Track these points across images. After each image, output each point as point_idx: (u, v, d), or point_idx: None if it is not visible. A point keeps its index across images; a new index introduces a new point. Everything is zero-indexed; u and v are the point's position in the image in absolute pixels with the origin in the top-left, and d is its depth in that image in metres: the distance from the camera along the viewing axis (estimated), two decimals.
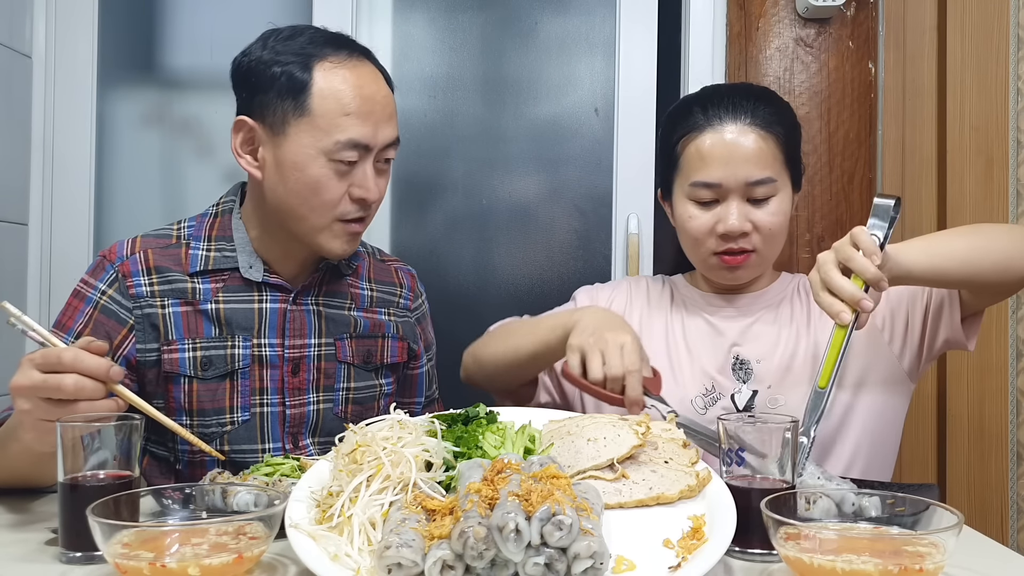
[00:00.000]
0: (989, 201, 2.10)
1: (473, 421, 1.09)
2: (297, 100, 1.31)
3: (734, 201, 1.39)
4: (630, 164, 2.28)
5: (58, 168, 2.24)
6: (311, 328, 1.44)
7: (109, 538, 0.85)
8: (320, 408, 1.44)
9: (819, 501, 0.99)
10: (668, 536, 0.92)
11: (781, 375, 1.43)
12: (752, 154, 1.38)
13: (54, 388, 1.02)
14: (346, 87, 1.32)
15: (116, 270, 1.38)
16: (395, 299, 1.56)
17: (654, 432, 1.08)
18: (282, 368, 1.40)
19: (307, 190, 1.33)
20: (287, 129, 1.32)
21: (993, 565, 0.97)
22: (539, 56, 2.33)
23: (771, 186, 1.39)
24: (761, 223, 1.39)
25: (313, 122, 1.31)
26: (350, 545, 0.87)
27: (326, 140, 1.31)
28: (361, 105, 1.32)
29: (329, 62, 1.33)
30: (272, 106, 1.33)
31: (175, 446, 1.39)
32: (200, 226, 1.44)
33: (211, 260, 1.40)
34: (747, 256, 1.41)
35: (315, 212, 1.34)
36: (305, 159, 1.32)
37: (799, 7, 2.15)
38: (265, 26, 1.45)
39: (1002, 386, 2.11)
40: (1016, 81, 2.10)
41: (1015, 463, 2.10)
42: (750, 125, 1.39)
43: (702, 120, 1.41)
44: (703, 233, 1.41)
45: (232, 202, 1.46)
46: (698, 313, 1.52)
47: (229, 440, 1.37)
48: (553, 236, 2.32)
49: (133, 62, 2.33)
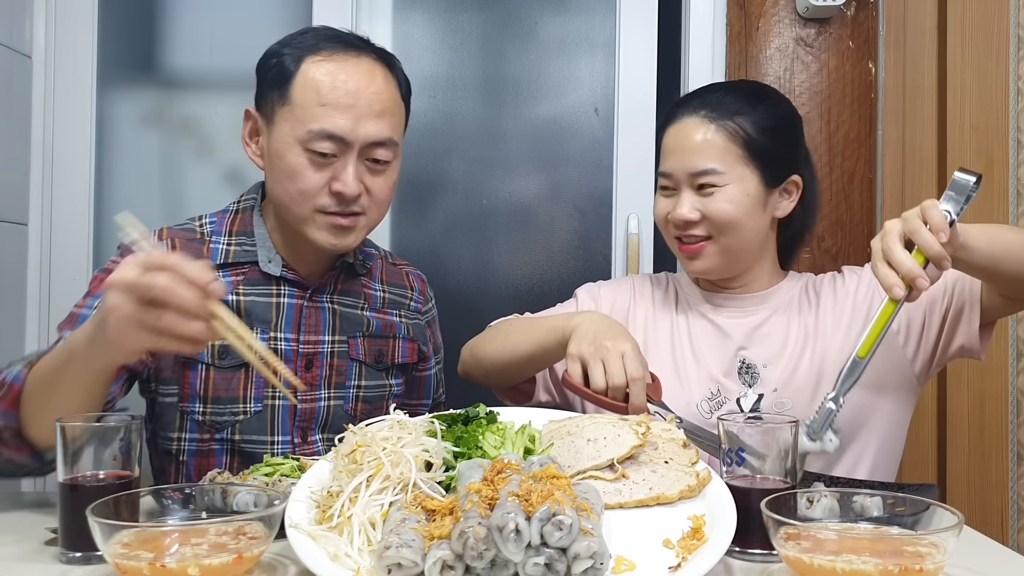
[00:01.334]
0: (989, 201, 2.10)
1: (473, 421, 1.09)
2: (282, 89, 1.35)
3: (685, 191, 1.43)
4: (630, 164, 2.28)
5: (58, 168, 2.24)
6: (325, 325, 1.46)
7: (109, 538, 0.85)
8: (331, 404, 1.45)
9: (821, 500, 0.99)
10: (668, 536, 0.92)
11: (787, 378, 1.42)
12: (699, 145, 1.42)
13: (146, 286, 0.96)
14: (327, 79, 1.34)
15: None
16: (406, 301, 1.58)
17: (654, 432, 1.08)
18: (296, 363, 1.42)
19: (286, 178, 1.35)
20: (274, 118, 1.36)
21: (993, 565, 0.97)
22: (539, 56, 2.33)
23: (716, 176, 1.41)
24: (710, 211, 1.41)
25: (292, 111, 1.34)
26: (350, 545, 0.87)
27: (300, 129, 1.33)
28: (340, 98, 1.33)
29: (320, 55, 1.36)
30: (266, 96, 1.38)
31: (183, 435, 1.40)
32: (221, 222, 1.47)
33: (231, 254, 1.42)
34: (702, 245, 1.44)
35: (294, 201, 1.36)
36: (284, 147, 1.34)
37: (799, 7, 2.15)
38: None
39: (1002, 386, 2.11)
40: (1016, 81, 2.10)
41: (1015, 463, 2.10)
42: (704, 118, 1.43)
43: (673, 112, 1.48)
44: (662, 220, 1.48)
45: (253, 199, 1.49)
46: (703, 314, 1.52)
47: (240, 430, 1.39)
48: (553, 236, 2.32)
49: (133, 62, 2.33)
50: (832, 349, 1.43)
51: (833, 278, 1.54)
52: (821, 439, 1.15)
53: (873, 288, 1.46)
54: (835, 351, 1.43)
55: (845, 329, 1.45)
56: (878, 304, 1.44)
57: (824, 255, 2.14)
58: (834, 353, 1.43)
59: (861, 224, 2.16)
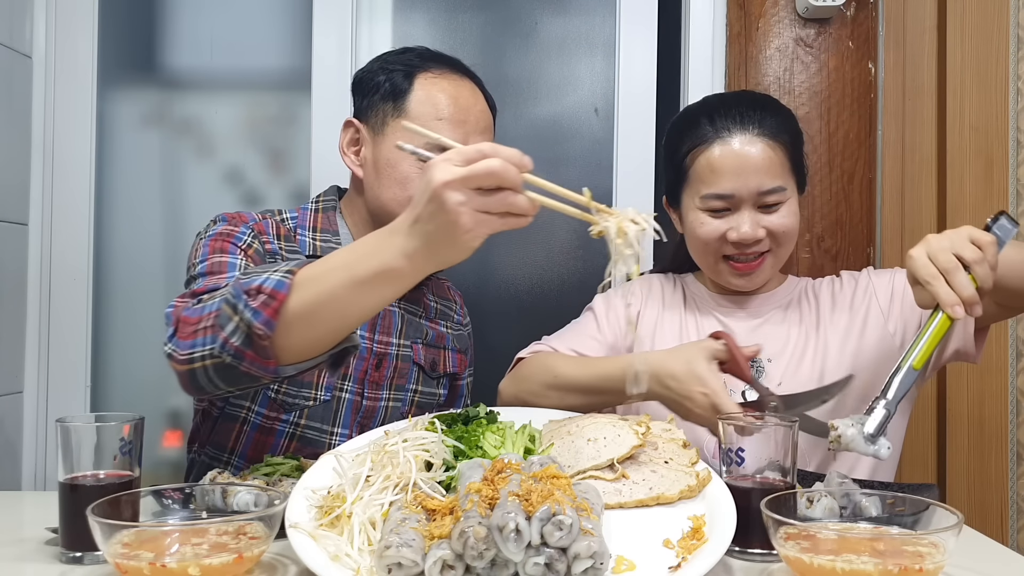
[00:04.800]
0: (989, 201, 2.10)
1: (473, 421, 1.09)
2: (397, 103, 1.45)
3: (746, 210, 1.42)
4: (630, 164, 2.28)
5: (58, 168, 2.24)
6: (395, 328, 1.52)
7: (109, 538, 0.85)
8: (390, 405, 1.51)
9: (821, 500, 0.99)
10: (668, 536, 0.92)
11: (792, 374, 1.45)
12: (762, 164, 1.40)
13: (485, 173, 0.97)
14: (443, 96, 1.45)
15: (251, 228, 1.43)
16: (451, 313, 1.66)
17: (654, 432, 1.08)
18: (368, 360, 1.48)
19: (397, 186, 1.43)
20: (385, 129, 1.46)
21: (993, 565, 0.98)
22: (539, 56, 2.33)
23: (781, 194, 1.42)
24: (774, 228, 1.42)
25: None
26: (350, 545, 0.87)
27: (416, 141, 1.36)
28: (455, 113, 1.44)
29: (431, 73, 1.47)
30: (376, 108, 1.47)
31: (252, 407, 1.44)
32: (303, 217, 1.52)
33: (318, 248, 1.48)
34: (761, 260, 1.45)
35: (402, 206, 1.38)
36: (398, 156, 1.43)
37: (799, 7, 2.15)
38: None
39: (1002, 386, 2.11)
40: (1016, 81, 2.10)
41: (1015, 463, 2.10)
42: (758, 135, 1.41)
43: (710, 132, 1.43)
44: (714, 239, 1.44)
45: (333, 200, 1.56)
46: (710, 312, 1.55)
47: (308, 416, 1.44)
48: (553, 236, 2.32)
49: (133, 62, 2.33)
50: (832, 348, 1.47)
51: (831, 282, 1.57)
52: (876, 443, 1.14)
53: (871, 293, 1.50)
54: (835, 350, 1.46)
55: (843, 330, 1.48)
56: (875, 306, 1.47)
57: (824, 255, 2.14)
58: (834, 352, 1.46)
59: (861, 224, 2.16)
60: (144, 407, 2.20)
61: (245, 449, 1.44)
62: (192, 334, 1.12)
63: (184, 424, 2.31)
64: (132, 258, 2.29)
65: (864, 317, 1.48)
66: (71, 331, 2.23)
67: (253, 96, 2.32)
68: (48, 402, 2.22)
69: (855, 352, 1.46)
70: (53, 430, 2.01)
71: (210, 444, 1.48)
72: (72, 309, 2.23)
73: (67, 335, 2.23)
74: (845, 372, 1.42)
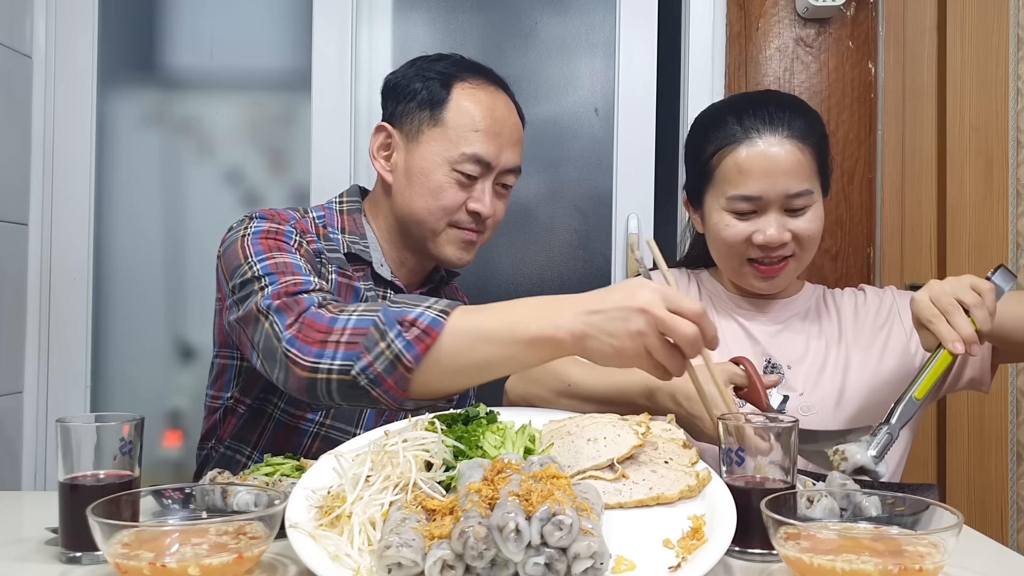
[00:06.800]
0: (989, 201, 2.10)
1: (473, 421, 1.09)
2: (434, 112, 1.45)
3: (773, 213, 1.39)
4: (630, 164, 2.28)
5: (58, 168, 2.24)
6: None
7: (109, 538, 0.85)
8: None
9: (821, 500, 0.99)
10: (668, 536, 0.92)
11: (813, 383, 1.44)
12: (791, 167, 1.38)
13: (671, 328, 1.02)
14: (479, 107, 1.46)
15: (294, 226, 1.41)
16: None
17: (654, 432, 1.08)
18: None
19: (429, 194, 1.44)
20: (421, 137, 1.46)
21: (993, 565, 0.97)
22: (539, 56, 2.33)
23: (808, 197, 1.40)
24: (800, 232, 1.41)
25: (445, 133, 1.44)
26: (350, 545, 0.87)
27: (453, 151, 1.43)
28: (491, 125, 1.45)
29: (468, 84, 1.47)
30: (411, 115, 1.47)
31: (279, 403, 1.43)
32: (329, 217, 1.51)
33: (351, 249, 1.48)
34: (785, 264, 1.43)
35: (433, 215, 1.45)
36: (432, 165, 1.44)
37: (799, 7, 2.15)
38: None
39: (1002, 386, 2.11)
40: (1016, 81, 2.10)
41: (1015, 463, 2.10)
42: (787, 137, 1.39)
43: (738, 132, 1.40)
44: (739, 241, 1.42)
45: (358, 202, 1.54)
46: (730, 315, 1.52)
47: (333, 415, 1.43)
48: (553, 236, 2.32)
49: (133, 62, 2.33)
50: (854, 361, 1.46)
51: (854, 294, 1.56)
52: (877, 466, 1.18)
53: (895, 312, 1.50)
54: (856, 365, 1.46)
55: (865, 346, 1.48)
56: (898, 326, 1.48)
57: (824, 255, 2.14)
58: (856, 365, 1.46)
59: (861, 224, 2.16)
60: (144, 407, 2.20)
61: (268, 446, 1.42)
62: (322, 343, 1.13)
63: (184, 424, 2.31)
64: (132, 258, 2.29)
65: (887, 335, 1.48)
66: (71, 331, 2.23)
67: (253, 96, 2.32)
68: (48, 402, 2.23)
69: (875, 369, 1.45)
70: (53, 430, 2.02)
71: (231, 438, 1.46)
72: (72, 309, 2.23)
73: (67, 335, 2.23)
74: (865, 387, 1.43)
